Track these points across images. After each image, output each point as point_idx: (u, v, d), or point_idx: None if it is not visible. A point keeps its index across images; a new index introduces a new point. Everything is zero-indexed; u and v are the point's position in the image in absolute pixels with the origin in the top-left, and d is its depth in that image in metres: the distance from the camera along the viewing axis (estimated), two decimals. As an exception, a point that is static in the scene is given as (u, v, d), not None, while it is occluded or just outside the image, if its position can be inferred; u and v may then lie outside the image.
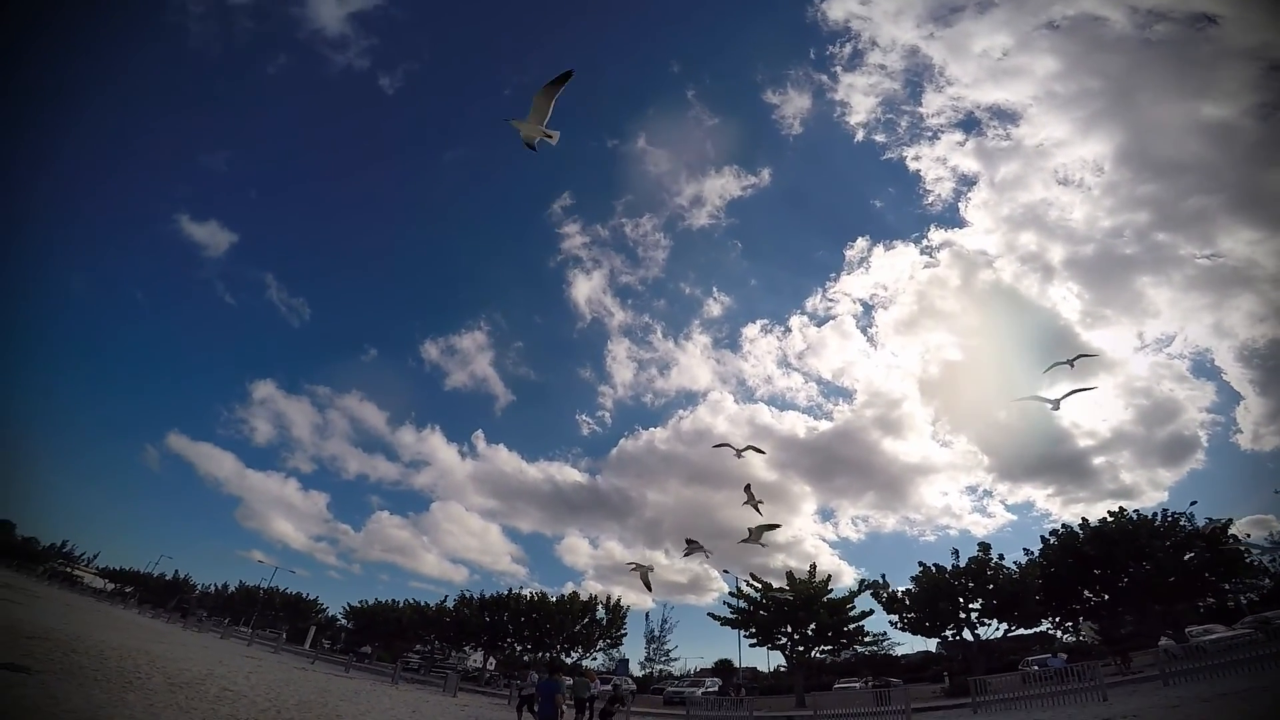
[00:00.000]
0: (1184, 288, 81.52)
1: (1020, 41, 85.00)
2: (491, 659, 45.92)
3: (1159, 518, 29.65)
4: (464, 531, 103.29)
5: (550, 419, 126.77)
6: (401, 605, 52.76)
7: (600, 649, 45.58)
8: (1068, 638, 36.88)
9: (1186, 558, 27.66)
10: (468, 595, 47.81)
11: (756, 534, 19.40)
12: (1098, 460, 77.89)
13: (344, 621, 58.06)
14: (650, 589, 24.40)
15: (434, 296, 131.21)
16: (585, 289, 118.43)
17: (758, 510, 23.74)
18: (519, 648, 43.70)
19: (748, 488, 24.39)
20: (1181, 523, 28.89)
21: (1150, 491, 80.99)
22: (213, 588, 69.13)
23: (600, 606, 44.88)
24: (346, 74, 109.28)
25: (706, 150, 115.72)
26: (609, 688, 22.13)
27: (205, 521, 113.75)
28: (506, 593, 45.65)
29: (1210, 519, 28.68)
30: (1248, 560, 29.45)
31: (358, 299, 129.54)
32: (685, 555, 22.70)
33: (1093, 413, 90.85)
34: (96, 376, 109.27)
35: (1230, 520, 28.67)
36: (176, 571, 70.40)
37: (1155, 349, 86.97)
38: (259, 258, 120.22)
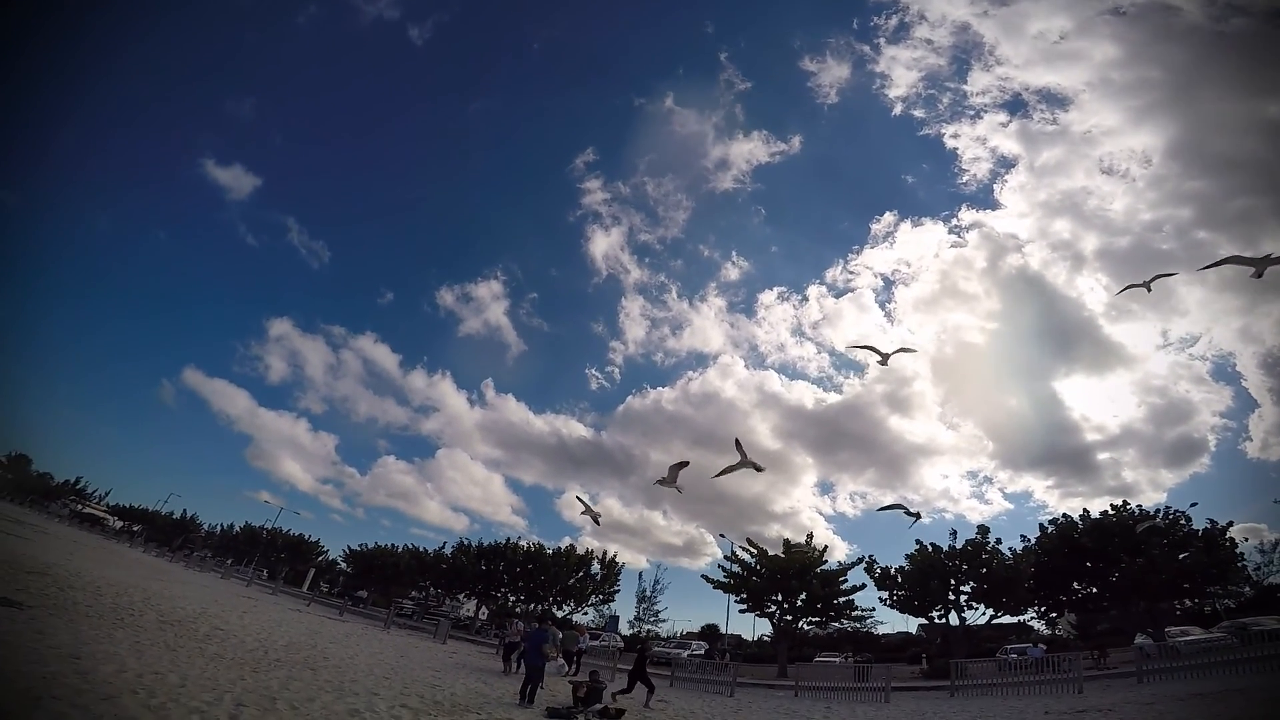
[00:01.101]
0: (1218, 288, 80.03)
1: (1080, 26, 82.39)
2: (484, 608, 47.09)
3: (1160, 514, 29.57)
4: (467, 480, 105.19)
5: (560, 372, 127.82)
6: (400, 550, 53.96)
7: (592, 604, 46.69)
8: (1046, 630, 37.42)
9: (1181, 557, 27.63)
10: (466, 543, 48.78)
11: (671, 476, 18.94)
12: (1102, 456, 77.80)
13: (343, 565, 59.57)
14: (598, 523, 25.92)
15: (452, 245, 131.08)
16: (603, 245, 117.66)
17: (757, 469, 23.09)
18: (512, 598, 44.73)
19: (738, 443, 24.26)
20: (1181, 522, 28.82)
21: (1150, 491, 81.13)
22: (219, 528, 70.92)
23: (596, 562, 45.68)
24: (377, 24, 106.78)
25: (736, 114, 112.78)
26: (590, 643, 22.53)
27: (216, 460, 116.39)
28: (505, 542, 46.49)
29: (1211, 520, 28.61)
30: (1239, 565, 29.59)
31: (377, 244, 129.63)
32: (658, 482, 23.30)
33: (1104, 407, 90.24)
34: (117, 313, 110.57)
35: (1231, 523, 28.59)
36: (185, 511, 72.18)
37: (1178, 348, 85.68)
38: (282, 201, 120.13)
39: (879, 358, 18.76)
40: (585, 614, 46.70)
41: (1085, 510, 31.88)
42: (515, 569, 44.37)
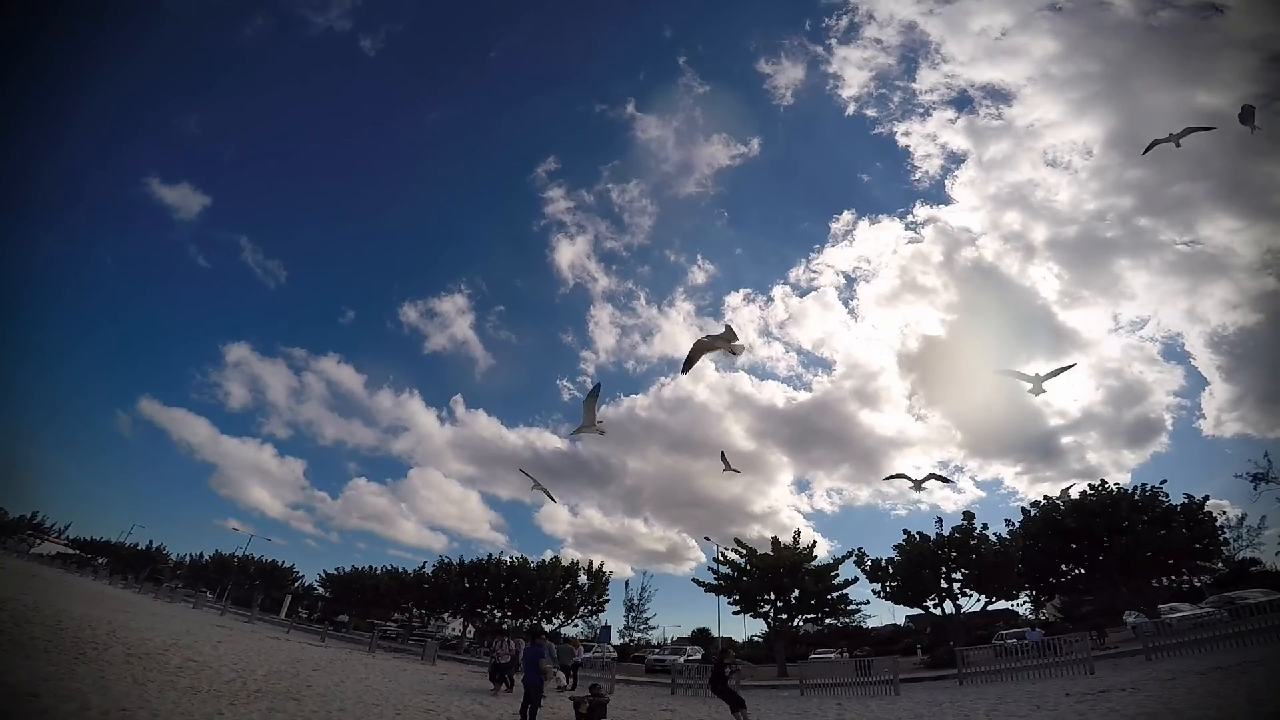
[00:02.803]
0: (1161, 272, 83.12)
1: (1020, 22, 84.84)
2: (470, 626, 45.79)
3: (1138, 491, 30.02)
4: (443, 499, 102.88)
5: (531, 384, 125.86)
6: (379, 572, 52.27)
7: (581, 616, 45.73)
8: (1031, 614, 37.79)
9: (1162, 533, 28.03)
10: (447, 561, 47.45)
11: (588, 418, 18.14)
12: (1066, 440, 79.60)
13: (320, 590, 57.51)
14: (552, 499, 26.70)
15: (414, 259, 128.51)
16: (569, 254, 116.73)
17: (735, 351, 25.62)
18: (499, 614, 43.57)
19: (723, 455, 28.77)
20: (1159, 497, 29.27)
21: (1114, 473, 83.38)
22: (187, 557, 67.89)
23: (582, 573, 44.81)
24: (327, 35, 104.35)
25: (696, 118, 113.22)
26: (586, 657, 21.90)
27: (179, 490, 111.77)
28: (487, 558, 45.30)
29: (1188, 495, 29.14)
30: (1220, 539, 30.14)
31: (336, 261, 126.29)
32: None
33: (1065, 392, 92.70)
34: (65, 343, 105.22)
35: (1207, 497, 29.14)
36: (150, 542, 68.86)
37: (1129, 331, 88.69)
38: (233, 220, 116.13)
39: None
40: (575, 626, 45.80)
41: (1064, 490, 32.23)
42: (500, 585, 43.22)
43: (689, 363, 13.31)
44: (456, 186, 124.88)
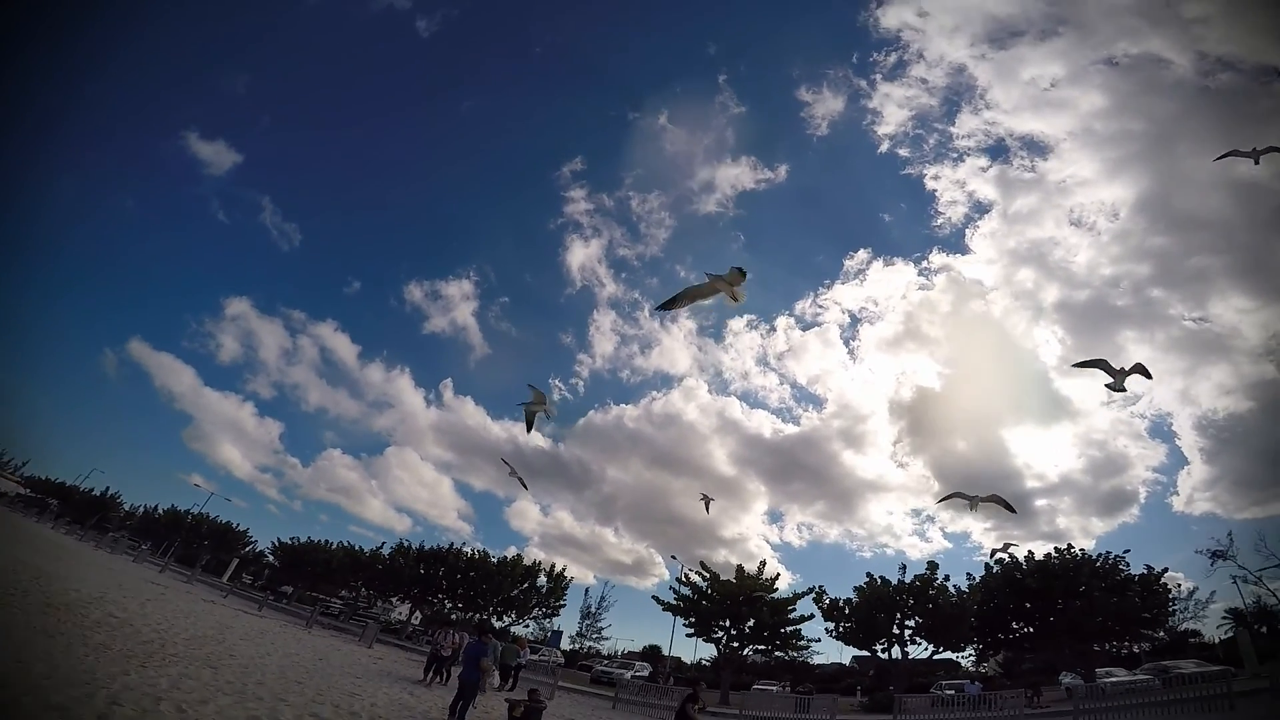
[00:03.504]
0: (1165, 348, 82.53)
1: (1073, 74, 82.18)
2: (418, 613, 44.95)
3: (1100, 559, 30.24)
4: (415, 481, 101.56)
5: (523, 379, 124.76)
6: (334, 547, 51.24)
7: (534, 617, 45.13)
8: (973, 667, 37.92)
9: (1115, 600, 28.22)
10: (406, 545, 46.66)
11: (537, 395, 17.18)
12: (1040, 502, 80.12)
13: (270, 558, 56.23)
14: (525, 487, 26.43)
15: (428, 240, 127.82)
16: (581, 255, 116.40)
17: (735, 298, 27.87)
18: (449, 605, 42.80)
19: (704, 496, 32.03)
20: (1120, 566, 29.52)
21: (1081, 538, 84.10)
22: (141, 509, 66.13)
23: (543, 574, 44.33)
24: (386, 13, 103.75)
25: (727, 138, 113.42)
26: (533, 659, 21.49)
27: (150, 438, 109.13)
28: (448, 547, 44.59)
29: (1148, 566, 29.50)
30: (1170, 610, 30.64)
31: (351, 232, 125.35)
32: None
33: (1047, 457, 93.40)
34: (71, 277, 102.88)
35: (1165, 569, 29.47)
36: (107, 488, 67.04)
37: (1120, 405, 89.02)
38: (260, 181, 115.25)
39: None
40: (526, 627, 45.17)
41: (1030, 551, 32.50)
42: (456, 575, 42.54)
43: (673, 302, 11.49)
44: (480, 175, 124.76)
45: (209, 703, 8.02)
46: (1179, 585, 32.97)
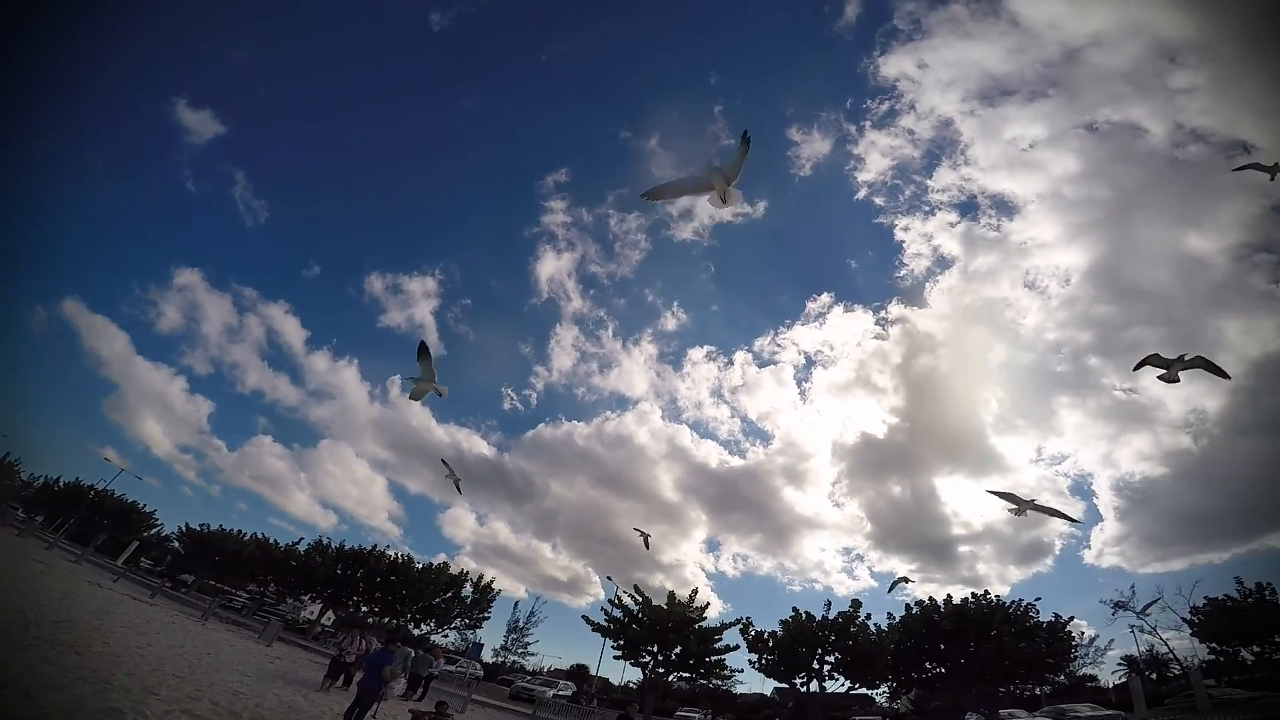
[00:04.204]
0: (1094, 415, 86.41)
1: (1053, 136, 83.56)
2: (330, 614, 42.67)
3: (1013, 605, 31.43)
4: (347, 477, 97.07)
5: (475, 385, 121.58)
6: (246, 538, 48.23)
7: (456, 627, 43.60)
8: (886, 704, 38.84)
9: (1023, 645, 29.36)
10: (325, 542, 44.36)
11: (426, 373, 16.52)
12: (963, 548, 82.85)
13: (175, 543, 52.44)
14: (460, 490, 26.13)
15: (398, 232, 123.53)
16: (551, 267, 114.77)
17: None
18: (366, 609, 40.81)
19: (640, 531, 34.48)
20: (1031, 613, 30.76)
21: (997, 584, 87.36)
22: (42, 479, 60.61)
23: (469, 584, 42.99)
24: (404, 1, 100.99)
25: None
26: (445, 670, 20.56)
27: (68, 404, 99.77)
28: (370, 548, 42.69)
29: (1056, 614, 30.91)
30: (1073, 656, 32.26)
31: (321, 215, 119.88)
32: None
33: (974, 506, 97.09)
34: (16, 229, 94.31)
35: (1072, 618, 30.92)
36: (7, 454, 61.15)
37: (1048, 464, 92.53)
38: (239, 154, 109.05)
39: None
40: (446, 636, 43.51)
41: (949, 595, 33.49)
42: (375, 579, 40.70)
43: (661, 191, 10.75)
44: (463, 174, 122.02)
45: (64, 690, 7.21)
46: (1082, 633, 34.75)
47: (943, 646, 31.74)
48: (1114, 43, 72.30)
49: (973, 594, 32.70)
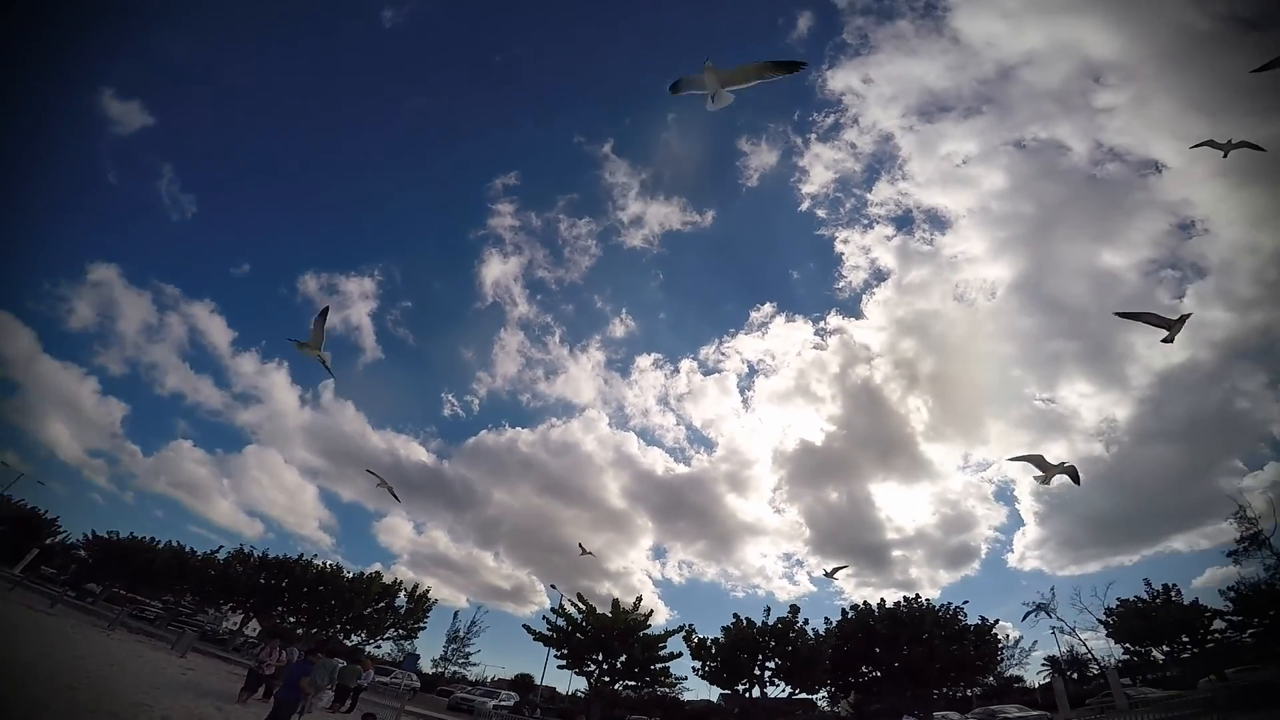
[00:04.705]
0: (1016, 424, 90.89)
1: (984, 153, 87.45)
2: (252, 624, 40.33)
3: (943, 608, 32.68)
4: (275, 484, 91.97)
5: (413, 390, 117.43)
6: (160, 546, 45.06)
7: (389, 637, 41.93)
8: (827, 708, 39.69)
9: (954, 648, 30.54)
10: (248, 551, 42.04)
11: (316, 338, 16.43)
12: (896, 553, 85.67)
13: (82, 551, 48.42)
14: (396, 498, 26.42)
15: (337, 230, 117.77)
16: (498, 271, 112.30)
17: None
18: (293, 619, 38.75)
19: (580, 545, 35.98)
20: (959, 616, 32.05)
21: (928, 588, 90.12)
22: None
23: (404, 593, 41.70)
24: None
25: (664, 176, 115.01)
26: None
27: None
28: (297, 558, 40.64)
29: (983, 617, 32.34)
30: (999, 658, 33.72)
31: (254, 210, 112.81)
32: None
33: (906, 512, 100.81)
34: None
35: (998, 620, 32.41)
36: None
37: (974, 471, 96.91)
38: (167, 147, 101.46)
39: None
40: (379, 647, 41.77)
41: (882, 599, 34.66)
42: (302, 589, 38.81)
43: (675, 87, 10.89)
44: (408, 174, 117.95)
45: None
46: (1007, 635, 36.46)
47: (878, 650, 32.68)
48: (1046, 61, 76.44)
49: (905, 598, 33.95)
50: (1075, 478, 16.50)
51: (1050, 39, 74.10)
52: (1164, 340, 15.47)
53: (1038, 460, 17.38)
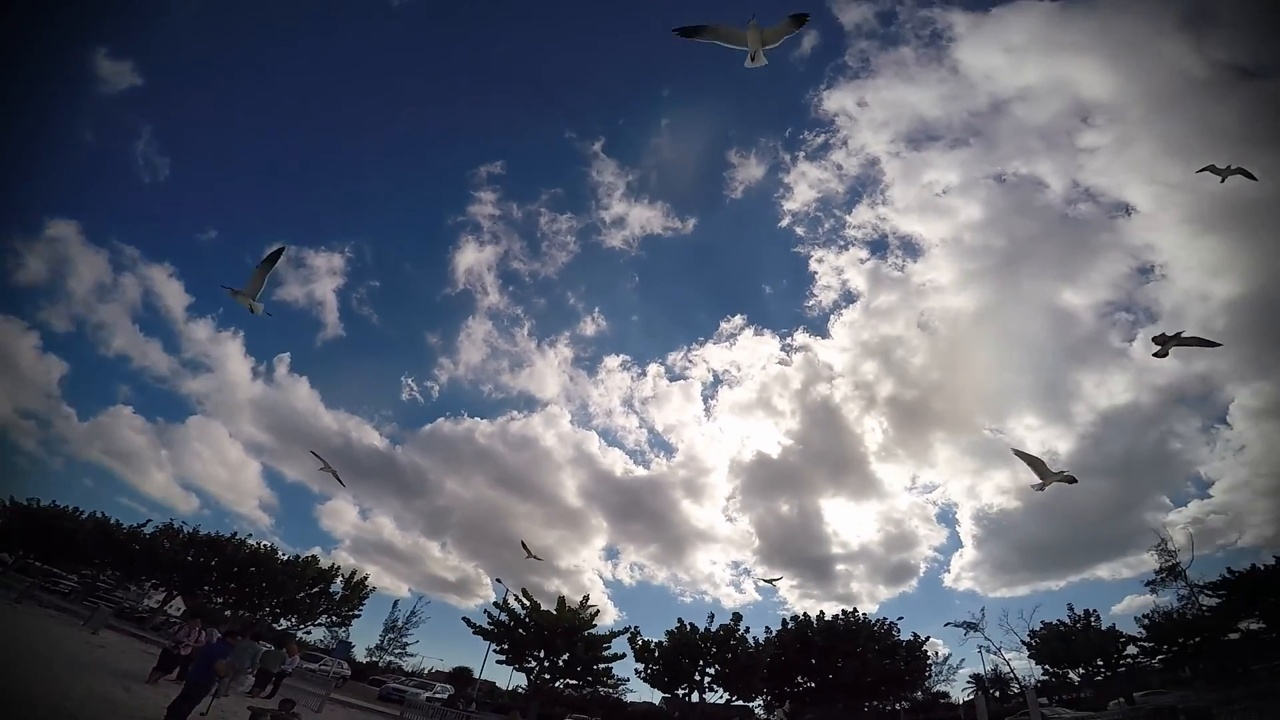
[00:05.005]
0: (964, 450, 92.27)
1: (965, 184, 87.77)
2: (178, 603, 38.53)
3: (879, 623, 33.55)
4: (216, 459, 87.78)
5: (372, 371, 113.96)
6: (84, 517, 42.62)
7: (322, 624, 40.65)
8: (765, 716, 40.32)
9: (886, 663, 31.37)
10: (176, 526, 40.14)
11: (254, 285, 15.77)
12: (840, 567, 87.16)
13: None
14: (341, 483, 26.51)
15: (311, 203, 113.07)
16: (472, 258, 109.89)
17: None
18: (219, 600, 37.18)
19: (524, 544, 34.58)
20: (894, 631, 32.95)
21: (867, 602, 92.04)
22: None
23: (340, 579, 40.44)
24: None
25: (650, 180, 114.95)
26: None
27: None
28: (230, 536, 39.01)
29: (915, 633, 33.30)
30: (927, 674, 34.84)
31: (228, 178, 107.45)
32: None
33: (853, 528, 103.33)
34: None
35: (929, 637, 33.44)
36: None
37: (920, 492, 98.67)
38: (151, 109, 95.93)
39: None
40: (309, 633, 40.40)
41: (821, 611, 35.32)
42: (232, 568, 37.32)
43: (696, 31, 10.43)
44: (392, 154, 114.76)
45: None
46: (937, 651, 37.62)
47: (813, 661, 33.33)
48: (1039, 97, 77.15)
49: (843, 611, 34.72)
50: (1071, 483, 17.42)
51: (1047, 76, 74.81)
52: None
53: (1040, 464, 17.91)
